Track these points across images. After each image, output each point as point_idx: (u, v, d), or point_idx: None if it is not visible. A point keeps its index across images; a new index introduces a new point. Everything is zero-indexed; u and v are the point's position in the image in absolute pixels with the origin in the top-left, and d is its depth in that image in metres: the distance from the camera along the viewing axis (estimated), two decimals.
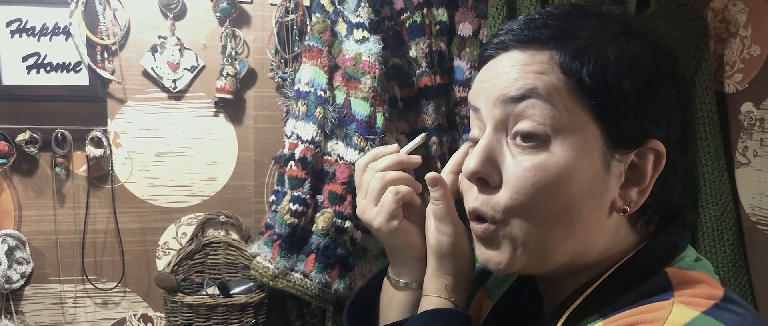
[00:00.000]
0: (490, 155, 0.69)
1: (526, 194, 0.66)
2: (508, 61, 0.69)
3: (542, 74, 0.66)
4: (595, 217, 0.68)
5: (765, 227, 1.57)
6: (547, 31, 0.68)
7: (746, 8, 1.62)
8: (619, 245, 0.71)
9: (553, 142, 0.66)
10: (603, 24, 0.69)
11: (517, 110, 0.67)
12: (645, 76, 0.66)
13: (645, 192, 0.68)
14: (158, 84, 1.82)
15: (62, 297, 1.85)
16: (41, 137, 1.74)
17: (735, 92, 1.65)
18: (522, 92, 0.67)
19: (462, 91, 1.82)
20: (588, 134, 0.66)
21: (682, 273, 0.68)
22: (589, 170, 0.66)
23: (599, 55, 0.66)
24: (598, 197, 0.67)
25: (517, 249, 0.69)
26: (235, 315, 1.72)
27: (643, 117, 0.66)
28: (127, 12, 1.77)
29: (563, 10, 0.71)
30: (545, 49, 0.68)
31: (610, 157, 0.67)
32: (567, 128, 0.66)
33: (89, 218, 1.83)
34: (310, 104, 1.63)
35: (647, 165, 0.67)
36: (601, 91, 0.65)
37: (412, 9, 1.75)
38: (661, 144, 0.67)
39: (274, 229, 1.63)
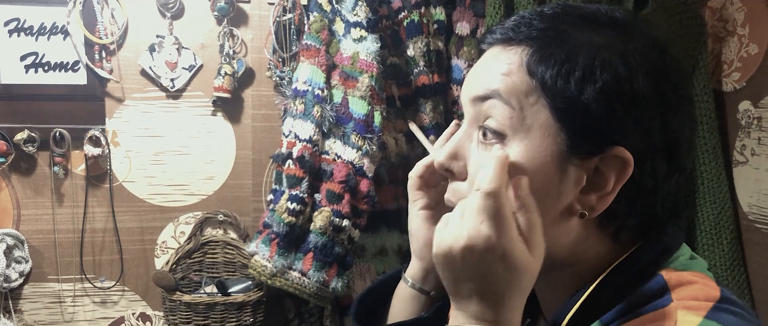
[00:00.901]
0: (458, 150, 0.73)
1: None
2: (489, 58, 0.72)
3: (507, 75, 0.68)
4: (549, 218, 0.68)
5: (763, 226, 1.57)
6: (528, 30, 0.69)
7: (744, 7, 1.62)
8: (591, 248, 0.70)
9: (509, 141, 0.67)
10: (589, 27, 0.68)
11: (483, 109, 0.70)
12: (615, 85, 0.65)
13: (606, 199, 0.67)
14: (156, 83, 1.82)
15: (61, 296, 1.86)
16: (39, 136, 1.75)
17: (733, 90, 1.65)
18: (486, 93, 0.69)
19: (459, 90, 1.82)
20: (545, 137, 0.66)
21: (677, 274, 0.67)
22: (540, 171, 0.67)
23: (567, 58, 0.65)
24: (551, 199, 0.67)
25: None
26: (234, 313, 1.72)
27: (607, 126, 0.65)
28: (124, 11, 1.77)
29: (554, 10, 0.71)
30: (518, 48, 0.69)
31: (566, 161, 0.67)
32: (524, 128, 0.67)
33: (87, 217, 1.84)
34: (308, 102, 1.63)
35: (610, 173, 0.66)
36: (562, 95, 0.65)
37: (409, 8, 1.75)
38: (625, 152, 0.65)
39: (272, 228, 1.64)
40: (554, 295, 0.74)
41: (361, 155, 1.63)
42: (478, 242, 0.63)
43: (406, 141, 1.77)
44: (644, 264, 0.69)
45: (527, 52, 0.68)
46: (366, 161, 1.63)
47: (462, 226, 0.65)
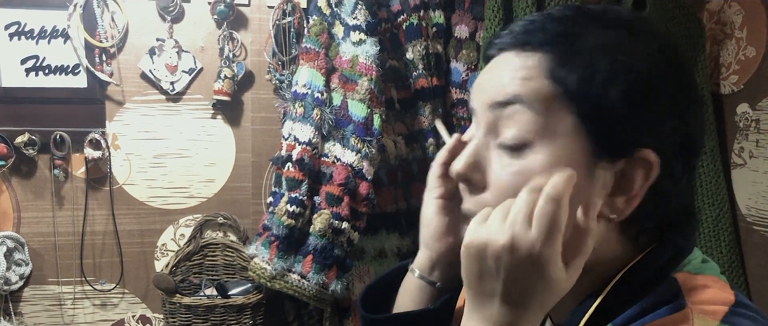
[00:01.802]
0: (476, 159, 0.70)
1: (505, 196, 0.66)
2: (503, 63, 0.69)
3: (529, 80, 0.66)
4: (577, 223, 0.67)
5: (761, 228, 1.57)
6: (542, 34, 0.67)
7: (742, 10, 1.63)
8: (611, 251, 0.70)
9: (535, 148, 0.65)
10: (602, 28, 0.67)
11: (504, 115, 0.67)
12: (637, 85, 0.64)
13: (632, 201, 0.66)
14: (156, 86, 1.83)
15: (61, 299, 1.86)
16: (40, 139, 1.75)
17: (731, 93, 1.65)
18: (508, 98, 0.67)
19: (458, 93, 1.83)
20: (571, 142, 0.65)
21: (691, 277, 0.67)
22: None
23: (588, 62, 0.64)
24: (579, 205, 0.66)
25: None
26: (233, 316, 1.73)
27: (633, 127, 0.65)
28: (125, 15, 1.78)
29: (564, 13, 0.70)
30: (536, 53, 0.67)
31: (593, 165, 0.65)
32: (550, 134, 0.65)
33: (88, 219, 1.84)
34: (308, 105, 1.64)
35: (636, 175, 0.66)
36: (587, 99, 0.64)
37: (408, 11, 1.75)
38: (652, 154, 0.65)
39: (271, 230, 1.64)
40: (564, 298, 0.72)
41: (361, 157, 1.63)
42: (522, 245, 0.62)
43: (405, 144, 1.78)
44: (658, 267, 0.68)
45: (547, 57, 0.66)
46: (365, 164, 1.64)
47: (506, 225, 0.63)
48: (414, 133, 1.79)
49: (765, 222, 1.56)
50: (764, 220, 1.56)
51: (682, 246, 0.70)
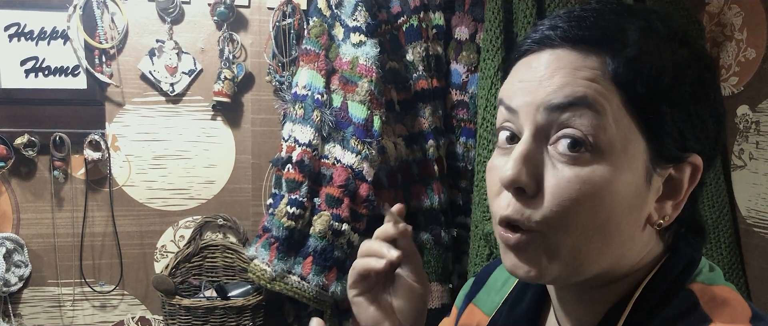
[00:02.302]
0: (530, 163, 0.64)
1: (566, 206, 0.62)
2: (554, 60, 0.64)
3: (593, 81, 0.62)
4: (632, 231, 0.65)
5: (761, 230, 1.57)
6: (599, 31, 0.63)
7: (741, 12, 1.63)
8: (646, 257, 0.69)
9: (598, 154, 0.62)
10: (650, 27, 0.64)
11: (562, 118, 0.62)
12: (691, 89, 0.63)
13: (680, 206, 0.66)
14: (156, 88, 1.83)
15: (60, 300, 1.86)
16: (39, 140, 1.75)
17: (731, 95, 1.65)
18: (570, 100, 0.62)
19: (459, 94, 1.83)
20: (634, 148, 0.62)
21: (706, 288, 0.67)
22: (632, 184, 0.63)
23: (653, 65, 0.62)
24: (637, 212, 0.64)
25: (551, 260, 0.65)
26: (233, 317, 1.72)
27: (687, 131, 0.63)
28: (125, 16, 1.78)
29: (609, 8, 0.66)
30: (596, 53, 0.63)
31: (651, 172, 0.64)
32: (614, 140, 0.61)
33: (87, 221, 1.84)
34: (308, 107, 1.64)
35: (684, 178, 0.65)
36: (653, 104, 0.62)
37: (408, 13, 1.76)
38: (698, 158, 0.64)
39: (271, 232, 1.64)
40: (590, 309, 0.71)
41: (361, 159, 1.63)
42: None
43: (405, 145, 1.78)
44: (673, 279, 0.67)
45: (608, 59, 0.62)
46: (365, 166, 1.64)
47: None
48: (414, 134, 1.79)
49: (765, 224, 1.56)
50: (764, 222, 1.56)
51: (693, 256, 0.69)
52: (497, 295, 0.88)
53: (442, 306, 1.81)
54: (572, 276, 0.66)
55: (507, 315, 0.83)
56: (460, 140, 1.85)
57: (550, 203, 0.62)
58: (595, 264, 0.65)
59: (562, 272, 0.65)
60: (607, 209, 0.62)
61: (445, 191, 1.83)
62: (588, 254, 0.64)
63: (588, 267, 0.65)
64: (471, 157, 1.83)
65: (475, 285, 0.94)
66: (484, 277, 0.93)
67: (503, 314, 0.84)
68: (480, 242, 1.68)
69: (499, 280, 0.90)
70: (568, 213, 0.62)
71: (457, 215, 1.88)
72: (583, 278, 0.67)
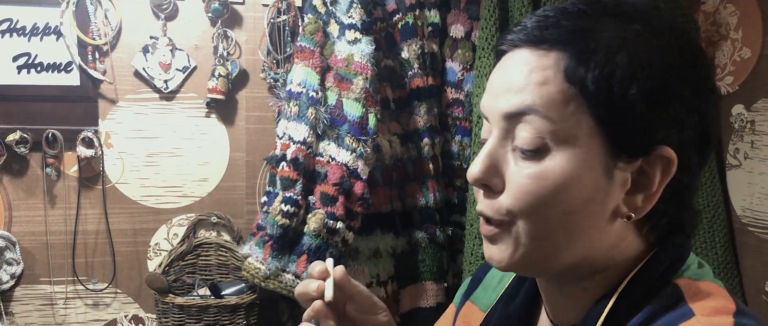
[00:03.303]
0: (493, 163, 0.68)
1: (525, 201, 0.66)
2: (515, 63, 0.68)
3: (544, 84, 0.64)
4: (596, 223, 0.67)
5: (756, 229, 1.57)
6: (557, 31, 0.66)
7: (737, 11, 1.63)
8: (626, 250, 0.70)
9: (552, 152, 0.65)
10: (620, 23, 0.66)
11: (517, 123, 0.66)
12: (656, 82, 0.63)
13: (652, 199, 0.66)
14: (150, 84, 1.82)
15: (53, 298, 1.85)
16: (32, 137, 1.73)
17: (726, 94, 1.65)
18: (521, 109, 0.65)
19: (454, 92, 1.83)
20: (589, 144, 0.64)
21: (692, 283, 0.67)
22: (588, 179, 0.65)
23: (607, 60, 0.63)
24: (599, 205, 0.66)
25: (517, 249, 0.69)
26: (227, 316, 1.72)
27: (651, 125, 0.64)
28: (118, 12, 1.76)
29: (578, 7, 0.68)
30: (552, 52, 0.65)
31: (612, 166, 0.65)
32: (567, 138, 0.64)
33: (80, 218, 1.83)
34: (302, 104, 1.63)
35: (655, 172, 0.65)
36: (606, 100, 0.63)
37: (404, 10, 1.75)
38: (670, 151, 0.64)
39: (265, 230, 1.63)
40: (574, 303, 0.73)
41: (356, 157, 1.63)
42: None
43: (400, 143, 1.77)
44: (660, 273, 0.68)
45: (563, 56, 0.64)
46: (360, 164, 1.63)
47: None
48: (409, 133, 1.79)
49: (760, 224, 1.56)
50: (759, 221, 1.56)
51: (681, 251, 0.70)
52: (493, 292, 0.90)
53: (437, 304, 1.81)
54: (541, 264, 0.70)
55: (501, 311, 0.85)
56: (455, 139, 1.84)
57: (510, 197, 0.67)
58: (563, 255, 0.68)
59: (528, 260, 0.69)
60: (563, 203, 0.65)
61: (440, 189, 1.82)
62: (552, 245, 0.68)
63: (555, 257, 0.69)
64: (466, 155, 1.83)
65: (473, 282, 0.96)
66: (481, 275, 0.95)
67: (498, 310, 0.86)
68: (475, 240, 1.68)
69: (496, 277, 0.92)
70: (526, 206, 0.66)
71: (452, 214, 1.88)
72: (555, 268, 0.70)
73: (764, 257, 1.56)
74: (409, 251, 1.81)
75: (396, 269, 1.80)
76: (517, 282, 0.86)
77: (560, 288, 0.74)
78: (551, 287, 0.76)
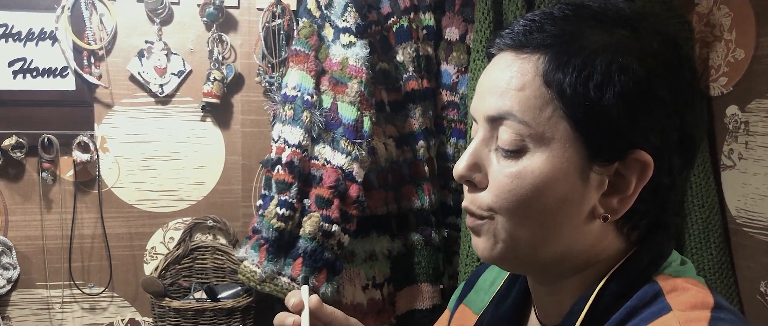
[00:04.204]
0: (476, 161, 0.71)
1: (504, 198, 0.69)
2: (501, 66, 0.70)
3: (521, 90, 0.67)
4: (572, 223, 0.69)
5: (750, 230, 1.57)
6: (540, 35, 0.67)
7: (730, 12, 1.63)
8: (607, 249, 0.71)
9: (529, 152, 0.67)
10: (604, 28, 0.67)
11: (498, 125, 0.69)
12: (634, 87, 0.64)
13: (627, 201, 0.68)
14: (145, 89, 1.82)
15: (49, 303, 1.85)
16: (28, 142, 1.74)
17: (720, 95, 1.66)
18: (500, 114, 0.68)
19: (449, 95, 1.83)
20: (565, 147, 0.66)
21: (671, 280, 0.68)
22: (563, 180, 0.67)
23: (584, 65, 0.64)
24: (575, 206, 0.68)
25: (497, 242, 0.72)
26: (223, 319, 1.72)
27: (628, 130, 0.65)
28: (113, 17, 1.77)
29: (564, 12, 0.69)
30: (533, 56, 0.67)
31: (588, 168, 0.67)
32: (544, 140, 0.66)
33: (76, 223, 1.83)
34: (297, 108, 1.63)
35: (631, 175, 0.67)
36: (581, 104, 0.64)
37: (399, 13, 1.75)
38: (646, 155, 0.65)
39: (261, 233, 1.63)
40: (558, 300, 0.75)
41: (351, 160, 1.63)
42: None
43: (395, 146, 1.77)
44: (639, 270, 0.69)
45: (542, 60, 0.66)
46: (355, 166, 1.63)
47: None
48: (404, 135, 1.79)
49: (754, 224, 1.56)
50: (753, 222, 1.56)
51: (662, 249, 0.71)
52: (486, 295, 0.92)
53: (433, 306, 1.81)
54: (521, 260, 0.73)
55: (493, 312, 0.87)
56: (450, 141, 1.85)
57: (491, 193, 0.70)
58: (541, 251, 0.71)
59: (507, 254, 0.72)
60: (539, 202, 0.68)
61: (436, 191, 1.83)
62: (529, 241, 0.70)
63: (534, 252, 0.71)
64: None
65: (466, 286, 0.97)
66: (474, 279, 0.97)
67: (489, 312, 0.88)
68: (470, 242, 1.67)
69: (488, 280, 0.93)
70: (504, 203, 0.69)
71: (448, 216, 1.88)
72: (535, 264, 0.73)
73: (759, 257, 1.56)
74: (405, 253, 1.82)
75: (392, 271, 1.81)
76: (508, 284, 0.87)
77: (546, 287, 0.76)
78: (539, 286, 0.78)
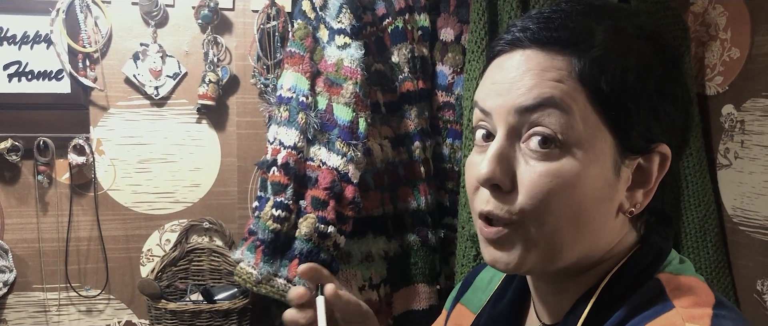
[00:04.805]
0: (504, 161, 0.68)
1: (540, 198, 0.66)
2: (524, 62, 0.68)
3: (560, 82, 0.66)
4: (604, 220, 0.69)
5: (747, 228, 1.57)
6: (567, 33, 0.67)
7: (726, 12, 1.63)
8: (619, 245, 0.72)
9: (566, 149, 0.66)
10: (617, 26, 0.68)
11: (532, 118, 0.66)
12: (656, 83, 0.66)
13: (650, 194, 0.69)
14: (140, 91, 1.82)
15: (46, 305, 1.85)
16: (23, 145, 1.74)
17: (716, 94, 1.66)
18: (539, 101, 0.66)
19: (444, 96, 1.83)
20: (601, 142, 0.66)
21: (673, 278, 0.69)
22: (600, 177, 0.66)
23: (618, 63, 0.65)
24: (608, 202, 0.68)
25: (529, 250, 0.69)
26: (219, 321, 1.72)
27: (654, 123, 0.67)
28: (108, 19, 1.77)
29: (578, 9, 0.70)
30: (564, 54, 0.66)
31: (620, 164, 0.68)
32: (581, 136, 0.65)
33: (72, 225, 1.83)
34: (293, 109, 1.63)
35: (653, 167, 0.68)
36: (618, 100, 0.65)
37: (394, 14, 1.75)
38: (666, 147, 0.68)
39: (257, 235, 1.63)
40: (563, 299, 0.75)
41: (346, 161, 1.63)
42: None
43: (391, 147, 1.77)
44: (641, 269, 0.70)
45: (576, 58, 0.66)
46: (351, 168, 1.63)
47: None
48: (400, 136, 1.79)
49: (750, 223, 1.56)
50: (750, 220, 1.56)
51: (662, 247, 0.72)
52: (483, 294, 0.92)
53: (429, 307, 1.81)
54: (549, 264, 0.70)
55: (490, 311, 0.87)
56: (446, 142, 1.85)
57: (525, 196, 0.67)
58: (571, 252, 0.69)
59: (538, 260, 0.69)
60: (577, 200, 0.66)
61: (432, 192, 1.83)
62: (562, 242, 0.68)
63: (563, 254, 0.69)
64: (457, 158, 1.83)
65: (463, 286, 0.97)
66: (471, 279, 0.97)
67: (486, 311, 0.88)
68: (467, 243, 1.68)
69: (485, 279, 0.93)
70: (541, 205, 0.66)
71: (444, 217, 1.88)
72: (559, 266, 0.70)
73: (755, 256, 1.56)
74: (402, 254, 1.81)
75: (388, 272, 1.81)
76: (505, 283, 0.88)
77: (553, 286, 0.76)
78: (543, 285, 0.78)
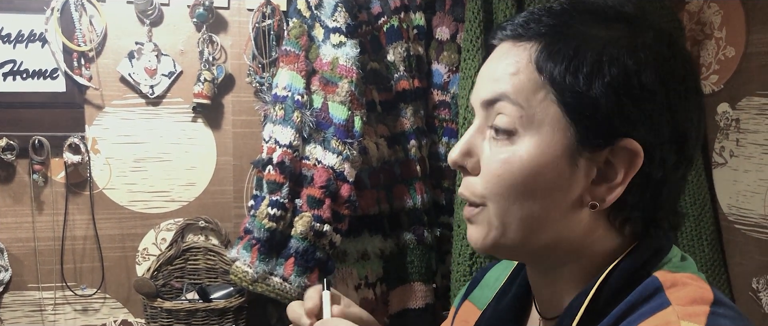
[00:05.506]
0: (470, 147, 0.74)
1: (494, 183, 0.71)
2: (498, 55, 0.73)
3: (515, 74, 0.69)
4: (561, 210, 0.70)
5: (742, 226, 1.58)
6: (537, 26, 0.70)
7: (721, 10, 1.63)
8: (601, 241, 0.72)
9: (519, 138, 0.69)
10: (598, 22, 0.69)
11: (493, 109, 0.71)
12: (624, 79, 0.66)
13: (615, 190, 0.68)
14: (136, 90, 1.82)
15: (41, 305, 1.85)
16: (18, 144, 1.74)
17: (711, 93, 1.66)
18: (494, 96, 0.71)
19: (440, 94, 1.83)
20: (555, 131, 0.68)
21: (671, 276, 0.68)
22: (551, 166, 0.68)
23: (574, 53, 0.66)
24: (562, 192, 0.69)
25: (489, 230, 0.73)
26: (215, 319, 1.72)
27: (617, 118, 0.66)
28: (103, 18, 1.77)
29: (563, 6, 0.72)
30: (528, 44, 0.70)
31: (577, 154, 0.68)
32: (534, 125, 0.68)
33: (68, 224, 1.83)
34: (288, 108, 1.63)
35: (620, 164, 0.68)
36: (570, 90, 0.66)
37: (389, 13, 1.75)
38: (635, 143, 0.66)
39: (253, 233, 1.63)
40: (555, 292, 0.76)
41: (342, 159, 1.63)
42: None
43: (387, 146, 1.77)
44: (639, 266, 0.70)
45: (536, 48, 0.69)
46: (346, 166, 1.63)
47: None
48: (396, 135, 1.79)
49: (746, 221, 1.56)
50: (745, 219, 1.56)
51: (662, 245, 0.72)
52: (489, 290, 0.93)
53: (425, 305, 1.81)
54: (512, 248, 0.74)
55: (495, 306, 0.88)
56: (442, 140, 1.85)
57: (483, 180, 0.73)
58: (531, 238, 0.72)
59: (499, 241, 0.73)
60: (527, 188, 0.69)
61: (428, 191, 1.83)
62: (519, 226, 0.71)
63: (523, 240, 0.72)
64: None
65: (472, 284, 0.99)
66: (480, 276, 0.99)
67: (492, 306, 0.89)
68: (463, 241, 1.68)
69: (492, 276, 0.95)
70: (495, 188, 0.71)
71: (440, 215, 1.88)
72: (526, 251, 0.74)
73: (751, 254, 1.56)
74: (398, 252, 1.81)
75: (384, 270, 1.81)
76: (510, 279, 0.89)
77: (543, 278, 0.78)
78: (537, 278, 0.79)
